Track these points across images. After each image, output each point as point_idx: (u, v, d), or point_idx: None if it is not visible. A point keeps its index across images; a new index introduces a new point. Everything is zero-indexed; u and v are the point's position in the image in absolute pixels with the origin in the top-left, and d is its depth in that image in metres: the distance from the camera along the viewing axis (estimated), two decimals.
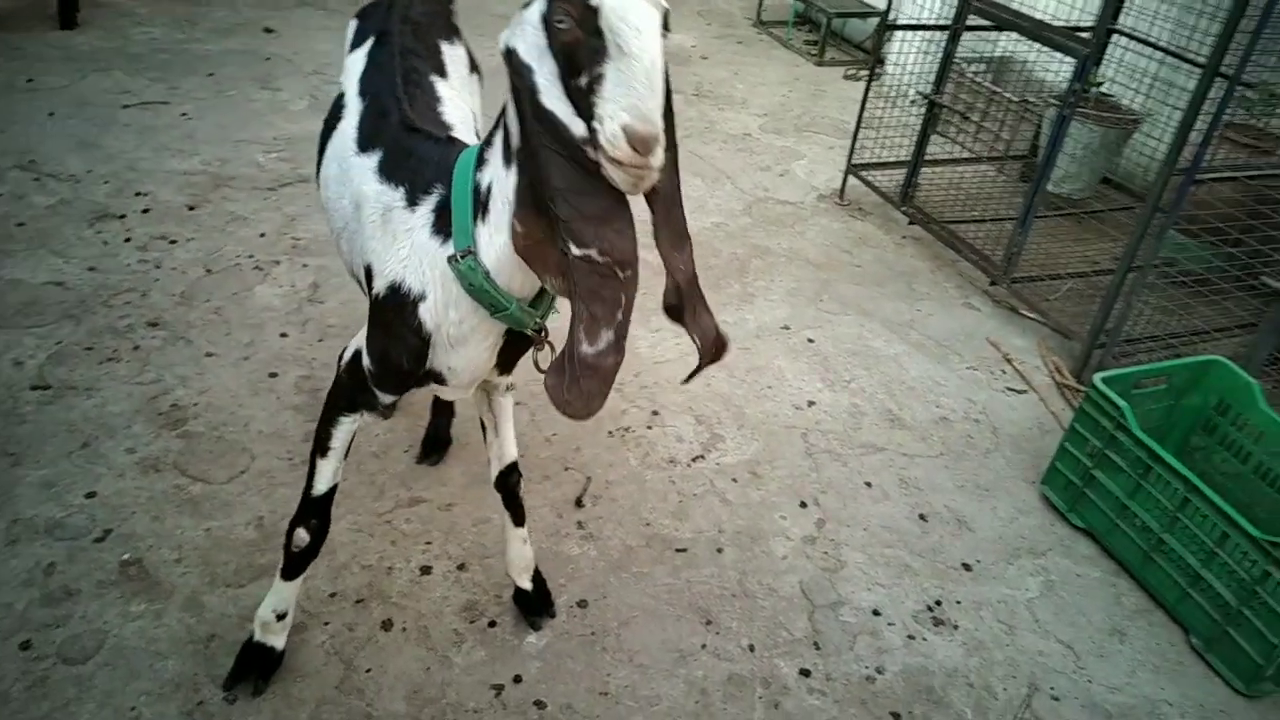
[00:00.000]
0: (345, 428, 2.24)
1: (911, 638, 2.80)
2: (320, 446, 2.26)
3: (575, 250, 1.58)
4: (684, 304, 1.77)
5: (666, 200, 1.69)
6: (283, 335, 3.65)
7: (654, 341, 3.93)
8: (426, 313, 1.92)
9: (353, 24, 2.69)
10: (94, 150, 4.72)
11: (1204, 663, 2.85)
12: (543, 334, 1.94)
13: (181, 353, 3.50)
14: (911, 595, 2.94)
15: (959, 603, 2.94)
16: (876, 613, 2.87)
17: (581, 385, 1.64)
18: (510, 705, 2.45)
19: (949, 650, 2.78)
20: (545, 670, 2.55)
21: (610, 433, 3.42)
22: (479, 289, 1.82)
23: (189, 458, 3.06)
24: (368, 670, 2.48)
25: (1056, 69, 5.22)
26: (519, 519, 2.58)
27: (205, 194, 4.51)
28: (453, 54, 2.58)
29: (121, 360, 3.42)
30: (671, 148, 1.65)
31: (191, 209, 4.38)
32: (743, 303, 4.29)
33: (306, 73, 5.93)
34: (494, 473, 2.52)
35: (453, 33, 2.69)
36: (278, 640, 2.42)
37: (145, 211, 4.31)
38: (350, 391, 2.19)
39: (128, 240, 4.09)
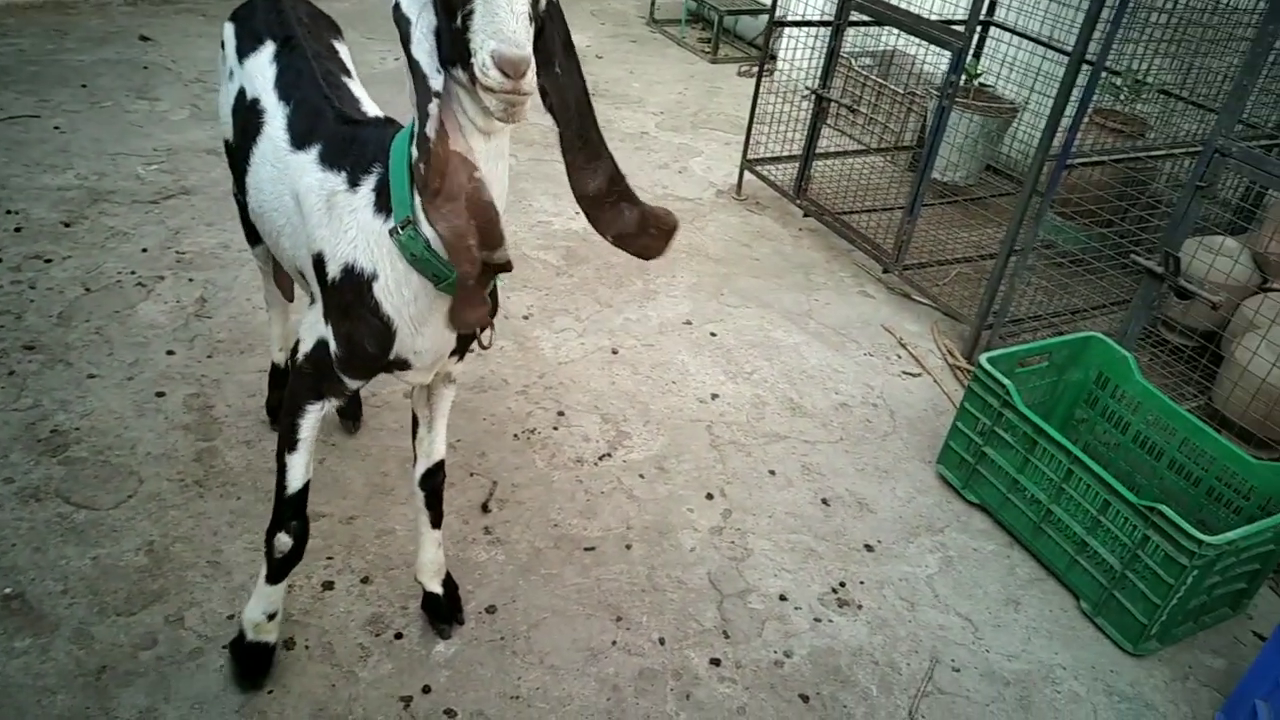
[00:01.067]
0: (312, 417, 2.22)
1: (818, 620, 2.86)
2: (288, 442, 2.23)
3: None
4: (593, 218, 1.91)
5: (571, 111, 1.80)
6: (169, 353, 3.52)
7: (558, 342, 3.92)
8: (381, 293, 1.96)
9: (230, 28, 2.60)
10: None
11: (1093, 626, 2.98)
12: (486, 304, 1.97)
13: (61, 375, 3.34)
14: (817, 579, 3.01)
15: (862, 583, 3.02)
16: (783, 598, 2.92)
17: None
18: (420, 716, 2.41)
19: (854, 630, 2.84)
20: (455, 678, 2.52)
21: (516, 435, 3.40)
22: (421, 259, 1.86)
23: (72, 484, 2.93)
24: (269, 692, 2.41)
25: (937, 62, 5.39)
26: (437, 521, 2.55)
27: (82, 210, 4.32)
28: (344, 52, 2.63)
29: None
30: (572, 70, 1.80)
31: (67, 226, 4.19)
32: (645, 300, 4.31)
33: (187, 81, 5.74)
34: (419, 471, 2.49)
35: (337, 31, 2.71)
36: (271, 637, 2.43)
37: (17, 230, 4.10)
38: (314, 380, 2.17)
39: None
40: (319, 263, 2.06)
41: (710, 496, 3.26)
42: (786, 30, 5.69)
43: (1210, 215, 3.91)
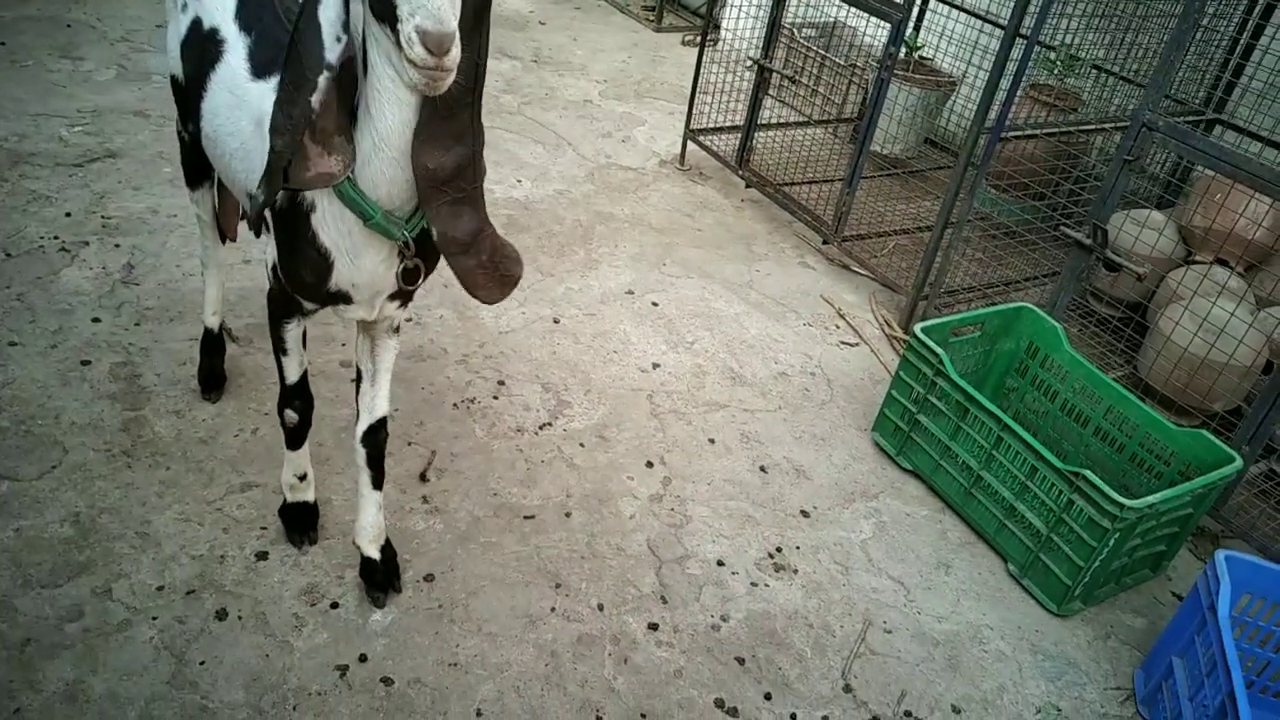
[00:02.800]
0: (292, 330, 2.36)
1: (754, 585, 2.91)
2: (278, 349, 2.40)
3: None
4: (424, 196, 1.91)
5: (443, 99, 1.77)
6: (95, 320, 3.42)
7: (498, 311, 3.89)
8: (319, 224, 2.04)
9: None
10: None
11: (1020, 587, 3.07)
12: (409, 249, 2.05)
13: None
14: (754, 544, 3.05)
15: (798, 548, 3.07)
16: (721, 563, 2.95)
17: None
18: (356, 685, 2.40)
19: (789, 594, 2.89)
20: (392, 647, 2.51)
21: (455, 405, 3.37)
22: (347, 197, 1.94)
23: None
24: (201, 663, 2.38)
25: (878, 34, 5.42)
26: (378, 482, 2.54)
27: (1, 172, 4.15)
28: None
29: None
30: (474, 39, 1.78)
31: None
32: (588, 269, 4.30)
33: (113, 40, 5.53)
34: (361, 427, 2.47)
35: None
36: (307, 495, 2.70)
37: None
38: (281, 300, 2.29)
39: None
40: None
41: (650, 465, 3.28)
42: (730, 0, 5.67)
43: (1139, 189, 4.01)
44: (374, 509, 2.56)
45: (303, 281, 2.15)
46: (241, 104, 2.22)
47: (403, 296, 2.28)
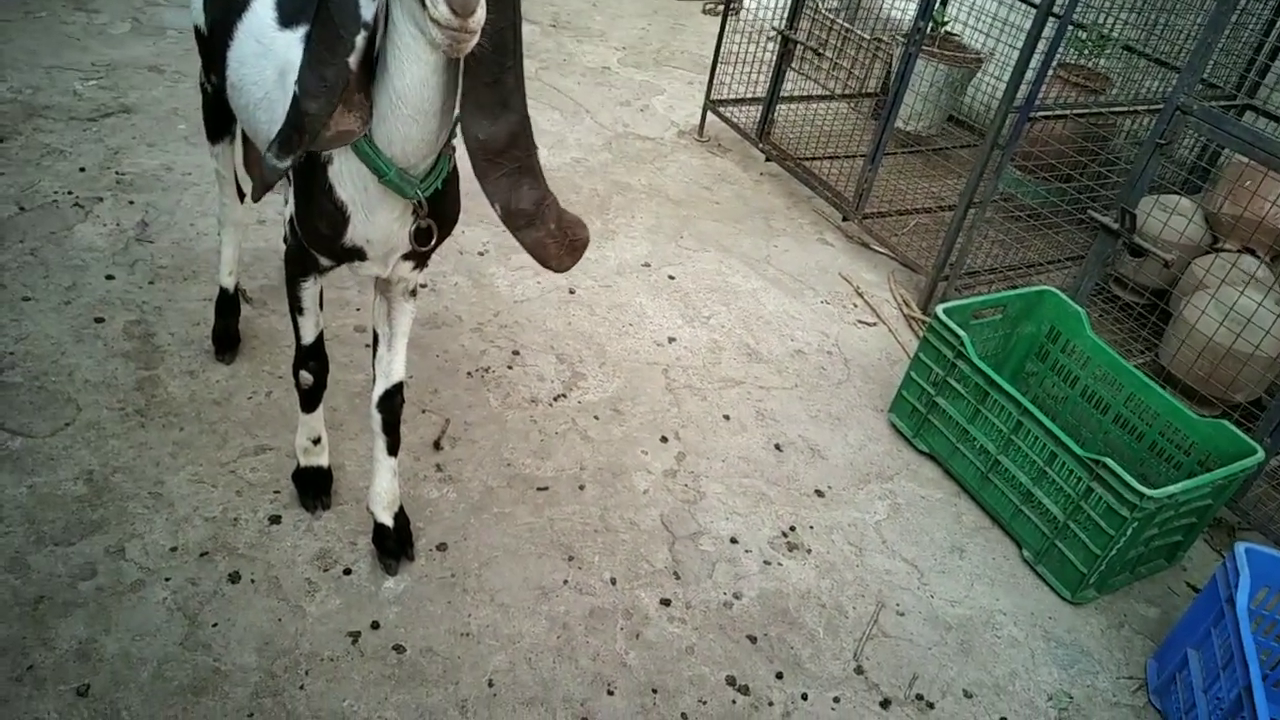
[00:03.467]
0: (309, 289, 2.34)
1: (767, 563, 2.89)
2: (295, 309, 2.38)
3: None
4: (480, 170, 1.88)
5: (486, 44, 1.70)
6: (109, 278, 3.39)
7: (514, 280, 3.85)
8: (335, 177, 2.02)
9: None
10: None
11: (1034, 574, 3.05)
12: (422, 208, 2.03)
13: None
14: (767, 522, 3.03)
15: (812, 528, 3.05)
16: (734, 540, 2.94)
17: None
18: (368, 651, 2.39)
19: (802, 573, 2.88)
20: (404, 615, 2.50)
21: (469, 374, 3.35)
22: (362, 152, 1.92)
23: (7, 410, 2.82)
24: (214, 625, 2.37)
25: (905, 8, 5.33)
26: (393, 448, 2.52)
27: (15, 125, 4.11)
28: None
29: None
30: (510, 23, 1.74)
31: (0, 141, 3.99)
32: (604, 240, 4.25)
33: None
34: (377, 392, 2.45)
35: None
36: (321, 459, 2.69)
37: None
38: (298, 257, 2.27)
39: None
40: None
41: (665, 439, 3.25)
42: None
43: (1167, 174, 3.95)
44: (389, 475, 2.55)
45: (319, 235, 2.13)
46: (268, 52, 2.21)
47: (417, 258, 2.25)
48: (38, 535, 2.49)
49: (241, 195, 3.07)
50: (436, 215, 2.09)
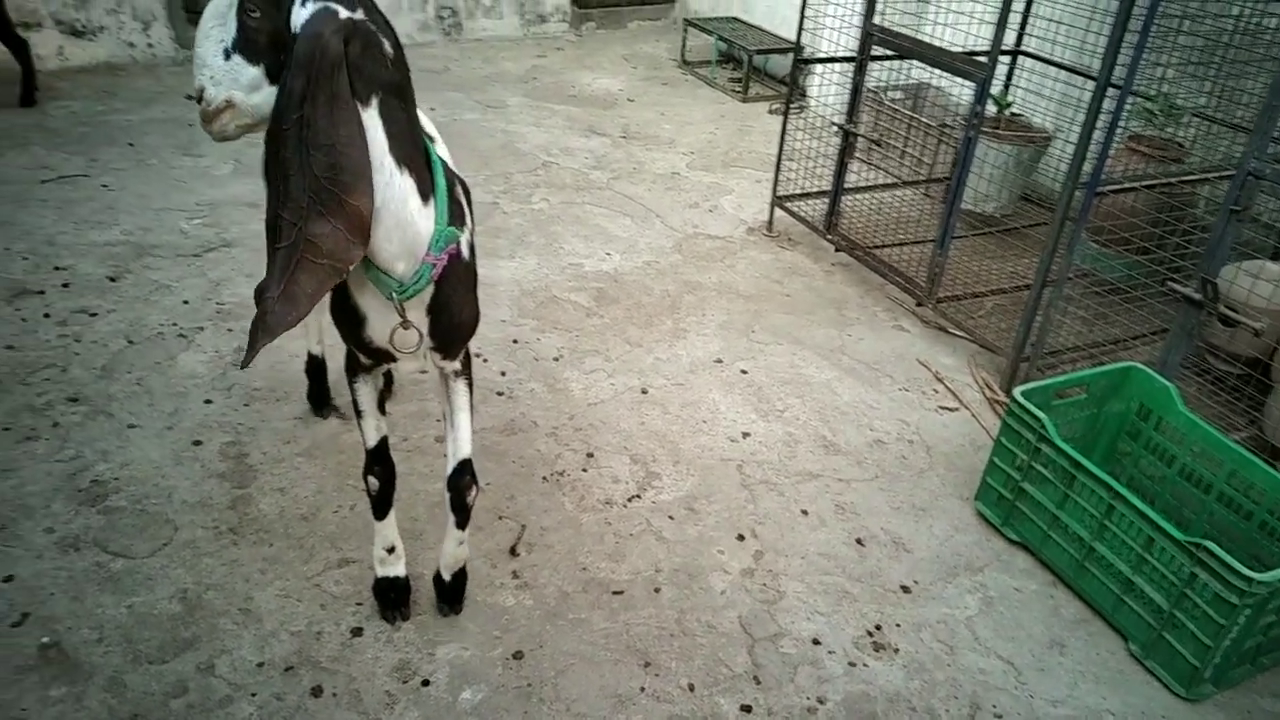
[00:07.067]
0: (362, 390, 2.51)
1: (852, 664, 2.79)
2: (355, 410, 2.56)
3: None
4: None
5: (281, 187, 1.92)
6: (207, 402, 3.59)
7: (587, 383, 3.92)
8: (352, 284, 2.21)
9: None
10: (10, 227, 4.64)
11: (1143, 669, 2.86)
12: (401, 308, 2.16)
13: (102, 427, 3.42)
14: (851, 621, 2.94)
15: (899, 626, 2.94)
16: (816, 641, 2.85)
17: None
18: None
19: (890, 675, 2.77)
20: None
21: (544, 478, 3.39)
22: (365, 268, 2.11)
23: (110, 533, 2.98)
24: None
25: (964, 93, 5.35)
26: (462, 522, 2.67)
27: (127, 264, 4.45)
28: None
29: (40, 438, 3.34)
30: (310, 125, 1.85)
31: (113, 280, 4.32)
32: (675, 339, 4.30)
33: None
34: (447, 470, 2.61)
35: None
36: (398, 569, 2.78)
37: (65, 286, 4.23)
38: (347, 353, 2.46)
39: (47, 316, 4.01)
40: None
41: (741, 538, 3.22)
42: (816, 66, 5.71)
43: (1252, 240, 3.81)
44: (454, 544, 2.72)
45: (347, 334, 2.34)
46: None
47: (443, 350, 2.39)
48: (134, 654, 2.60)
49: None
50: (435, 319, 2.26)
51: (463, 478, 2.58)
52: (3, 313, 3.99)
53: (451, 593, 2.81)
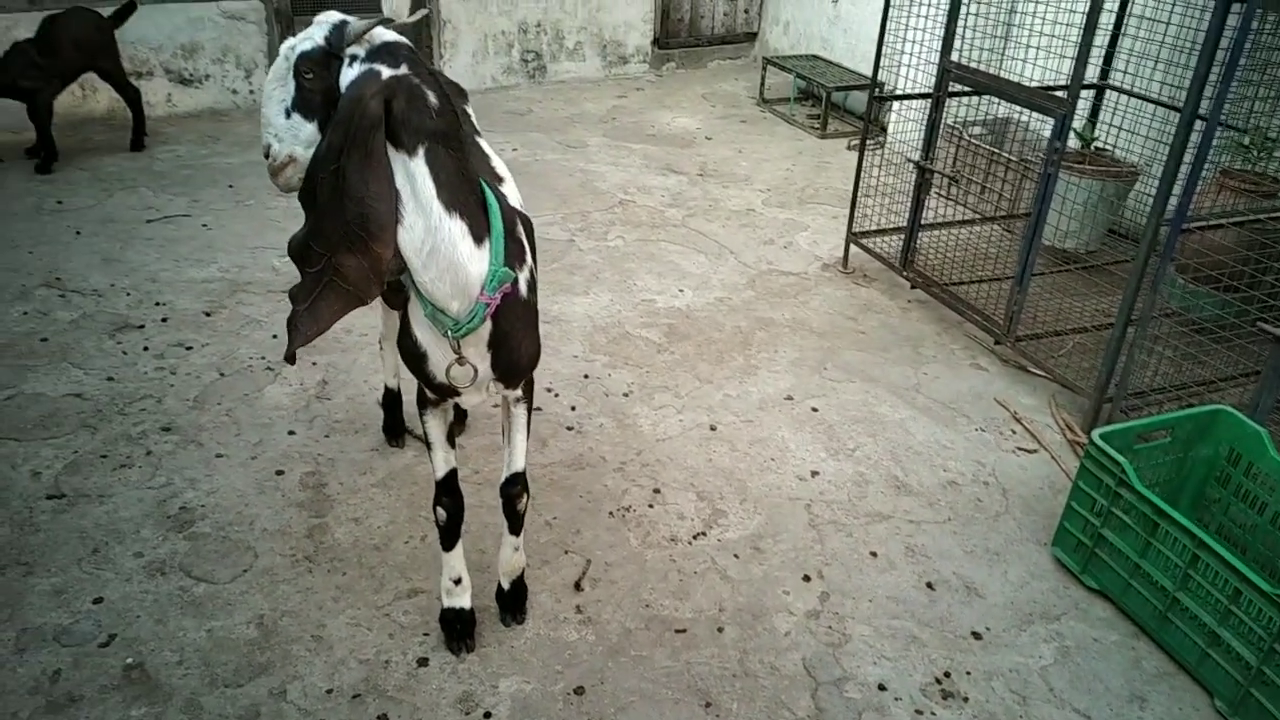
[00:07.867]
0: (432, 422, 2.63)
1: (919, 712, 2.72)
2: (426, 441, 2.68)
3: None
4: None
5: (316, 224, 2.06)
6: (290, 433, 3.73)
7: (656, 419, 3.94)
8: (415, 323, 2.37)
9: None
10: (117, 265, 4.93)
11: None
12: (456, 345, 2.26)
13: (192, 455, 3.59)
14: (919, 667, 2.87)
15: (969, 674, 2.86)
16: (882, 687, 2.79)
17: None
18: None
19: None
20: None
21: (611, 513, 3.42)
22: (426, 308, 2.23)
23: (194, 559, 3.11)
24: None
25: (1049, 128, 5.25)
26: (514, 529, 2.81)
27: (222, 300, 4.67)
28: (470, 112, 3.06)
29: (134, 466, 3.52)
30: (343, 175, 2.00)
31: (208, 315, 4.54)
32: (746, 375, 4.30)
33: None
34: (501, 478, 2.75)
35: (462, 94, 3.07)
36: (464, 600, 2.83)
37: (164, 320, 4.47)
38: (418, 386, 2.57)
39: (146, 349, 4.24)
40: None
41: (807, 578, 3.18)
42: (895, 103, 5.68)
43: None
44: (509, 550, 2.86)
45: (413, 369, 2.46)
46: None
47: (504, 382, 2.48)
48: (212, 678, 2.70)
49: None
50: (495, 354, 2.36)
51: (514, 486, 2.72)
52: (105, 346, 4.23)
53: (513, 601, 2.92)
